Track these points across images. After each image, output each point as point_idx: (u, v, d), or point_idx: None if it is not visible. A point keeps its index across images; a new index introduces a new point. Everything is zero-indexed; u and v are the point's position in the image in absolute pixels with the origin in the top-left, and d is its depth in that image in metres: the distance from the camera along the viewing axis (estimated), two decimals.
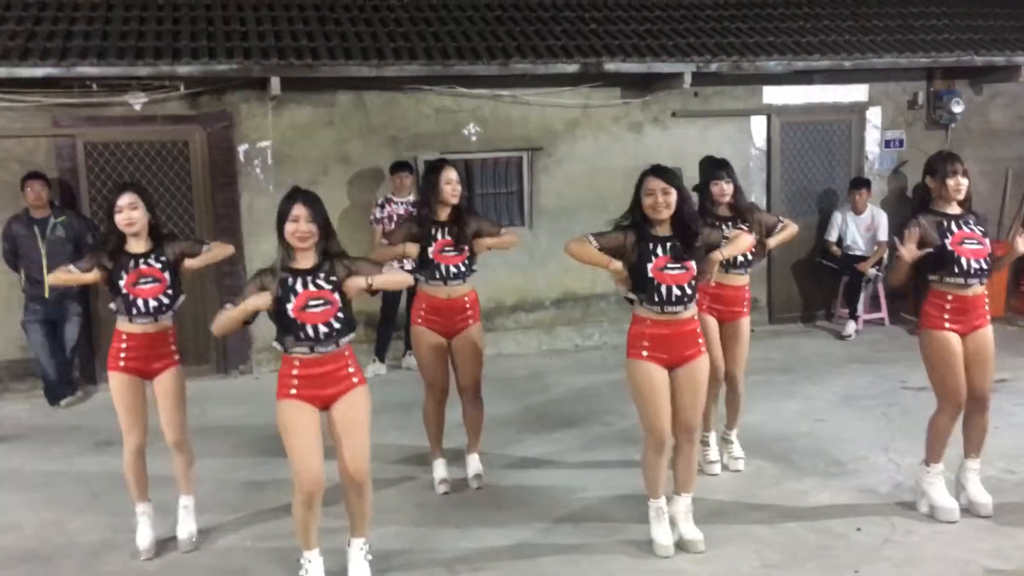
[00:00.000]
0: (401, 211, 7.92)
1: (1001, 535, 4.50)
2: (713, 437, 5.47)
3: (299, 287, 3.93)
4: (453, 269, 5.11)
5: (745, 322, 5.41)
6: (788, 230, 5.46)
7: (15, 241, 7.32)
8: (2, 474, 5.89)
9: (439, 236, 5.09)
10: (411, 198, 7.97)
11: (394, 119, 8.42)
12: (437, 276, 5.10)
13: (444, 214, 5.14)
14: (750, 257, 5.31)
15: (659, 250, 4.24)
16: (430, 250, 5.08)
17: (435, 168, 5.19)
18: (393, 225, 7.88)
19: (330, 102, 8.25)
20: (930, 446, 4.75)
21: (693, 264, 4.27)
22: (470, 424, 5.38)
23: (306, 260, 3.98)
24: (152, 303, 4.48)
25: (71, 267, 4.55)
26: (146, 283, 4.48)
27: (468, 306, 5.22)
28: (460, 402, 5.35)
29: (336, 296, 3.96)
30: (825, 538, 4.55)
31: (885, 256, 9.09)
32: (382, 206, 8.03)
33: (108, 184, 7.74)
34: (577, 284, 8.93)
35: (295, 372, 3.96)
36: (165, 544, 4.70)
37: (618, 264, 4.25)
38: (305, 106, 8.19)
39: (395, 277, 4.11)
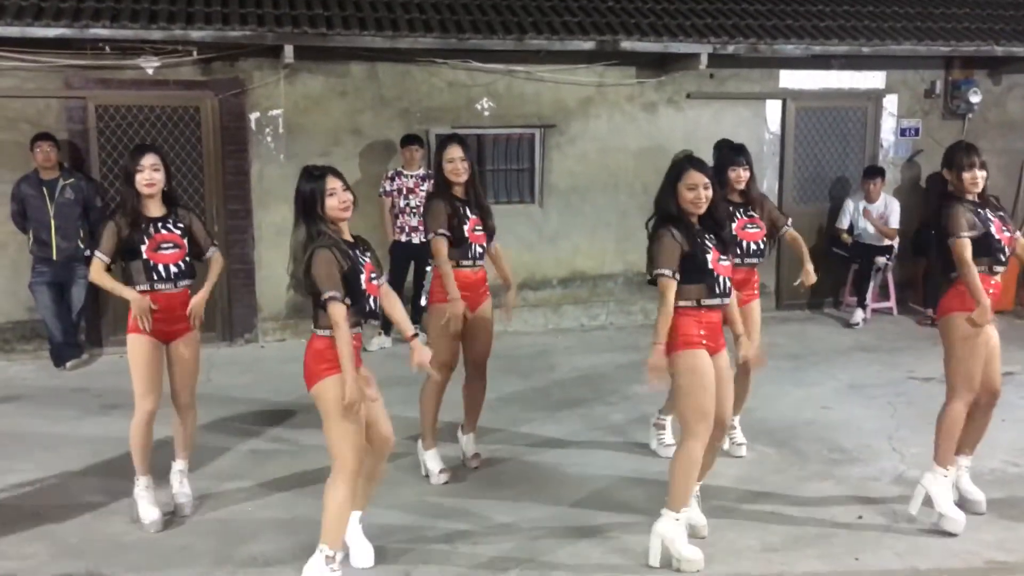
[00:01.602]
0: (411, 184, 7.89)
1: (1004, 527, 4.49)
2: None
3: (360, 261, 3.90)
4: (479, 249, 5.05)
5: (756, 305, 5.38)
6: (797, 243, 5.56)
7: (24, 202, 7.30)
8: (7, 434, 5.91)
9: (469, 215, 5.02)
10: (421, 172, 7.93)
11: (407, 92, 8.37)
12: (468, 256, 5.00)
13: (461, 191, 5.06)
14: (762, 246, 5.31)
15: (708, 243, 4.15)
16: (465, 229, 4.96)
17: (440, 146, 5.14)
18: (402, 199, 7.88)
19: (343, 72, 8.20)
20: (941, 444, 4.52)
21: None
22: (471, 402, 5.31)
23: (347, 233, 3.94)
24: (173, 268, 4.46)
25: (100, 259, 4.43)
26: (167, 249, 4.45)
27: (485, 278, 5.21)
28: (463, 380, 5.28)
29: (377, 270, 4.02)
30: (827, 525, 4.55)
31: (896, 244, 9.04)
32: (392, 179, 7.99)
33: (119, 147, 7.73)
34: (585, 264, 8.91)
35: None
36: (166, 508, 4.70)
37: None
38: (318, 76, 8.14)
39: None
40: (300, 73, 8.04)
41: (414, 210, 7.84)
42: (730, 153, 5.37)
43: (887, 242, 8.99)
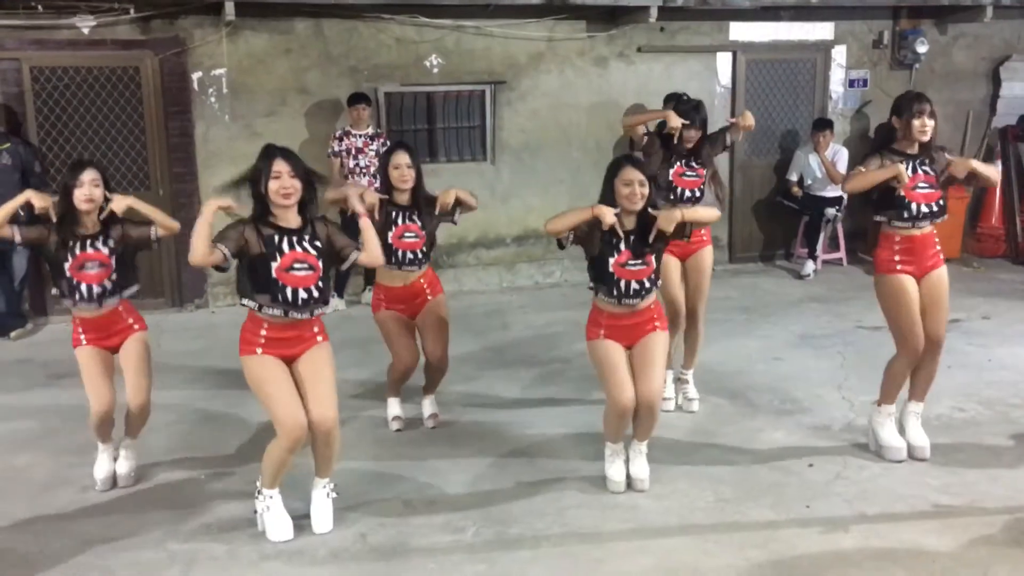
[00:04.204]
0: (360, 144, 7.78)
1: (949, 472, 4.58)
2: (669, 375, 5.51)
3: (286, 247, 3.82)
4: (410, 255, 4.95)
5: (705, 252, 5.36)
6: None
7: None
8: None
9: (400, 221, 4.93)
10: (369, 131, 7.82)
11: (354, 49, 8.20)
12: (393, 261, 4.91)
13: (403, 198, 4.97)
14: (698, 194, 5.31)
15: (622, 245, 4.25)
16: (389, 235, 4.89)
17: (388, 151, 5.06)
18: (352, 159, 7.77)
19: (287, 29, 8.01)
20: (885, 388, 4.78)
21: (653, 259, 4.29)
22: (430, 379, 5.33)
23: (289, 219, 3.87)
24: (96, 289, 4.28)
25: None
26: (92, 268, 4.28)
27: (426, 286, 5.11)
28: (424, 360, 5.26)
29: (320, 263, 3.86)
30: (779, 474, 4.61)
31: (846, 196, 9.11)
32: (340, 139, 7.86)
33: (56, 110, 7.52)
34: (539, 221, 8.78)
35: (263, 333, 3.88)
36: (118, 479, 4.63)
37: (602, 209, 4.17)
38: (262, 33, 7.94)
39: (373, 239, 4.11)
40: (243, 31, 7.84)
41: (364, 170, 7.74)
42: (685, 110, 5.44)
43: (836, 193, 9.06)
